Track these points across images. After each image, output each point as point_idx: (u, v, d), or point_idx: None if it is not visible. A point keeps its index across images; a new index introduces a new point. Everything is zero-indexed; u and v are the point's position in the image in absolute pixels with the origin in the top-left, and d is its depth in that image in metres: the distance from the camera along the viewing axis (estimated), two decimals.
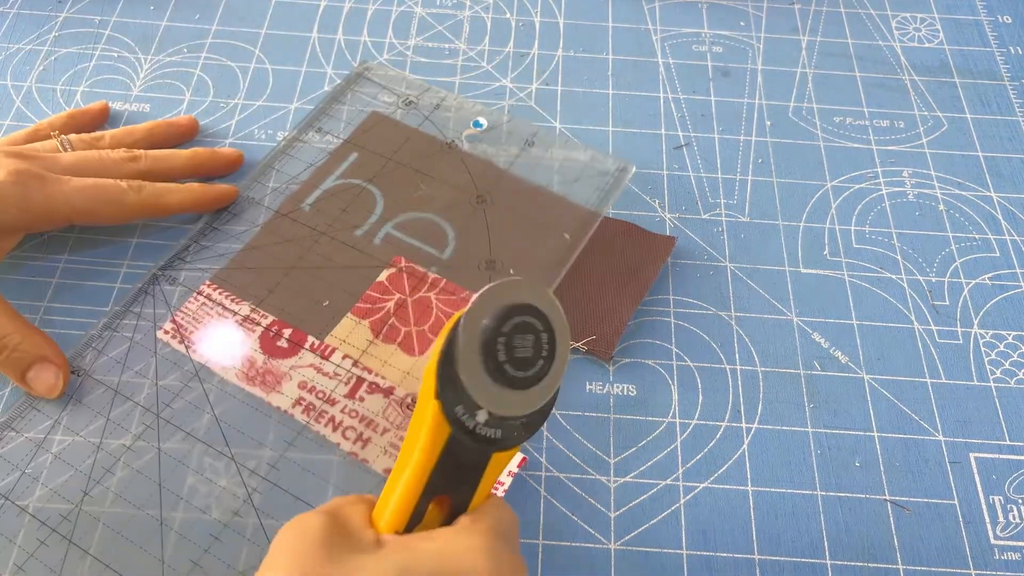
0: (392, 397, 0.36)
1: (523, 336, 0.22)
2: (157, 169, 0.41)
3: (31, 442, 0.34)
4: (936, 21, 0.53)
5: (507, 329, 0.22)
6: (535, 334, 0.23)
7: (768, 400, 0.37)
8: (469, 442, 0.23)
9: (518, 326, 0.22)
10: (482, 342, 0.22)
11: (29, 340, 0.35)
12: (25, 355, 0.35)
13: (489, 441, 0.23)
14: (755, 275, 0.41)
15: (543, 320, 0.23)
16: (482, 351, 0.22)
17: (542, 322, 0.23)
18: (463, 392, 0.22)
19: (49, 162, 0.38)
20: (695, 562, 0.33)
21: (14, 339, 0.35)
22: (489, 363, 0.22)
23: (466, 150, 0.44)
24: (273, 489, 0.34)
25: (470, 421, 0.23)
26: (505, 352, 0.22)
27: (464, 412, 0.23)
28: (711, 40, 0.51)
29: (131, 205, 0.39)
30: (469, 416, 0.23)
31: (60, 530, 0.32)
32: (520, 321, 0.22)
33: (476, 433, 0.23)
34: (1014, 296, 0.41)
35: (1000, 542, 0.34)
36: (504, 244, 0.40)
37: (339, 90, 0.47)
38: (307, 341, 0.37)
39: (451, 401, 0.23)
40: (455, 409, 0.23)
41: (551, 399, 0.24)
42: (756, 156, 0.46)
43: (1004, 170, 0.46)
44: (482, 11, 0.52)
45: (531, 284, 0.23)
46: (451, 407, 0.23)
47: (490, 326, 0.22)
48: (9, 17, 0.50)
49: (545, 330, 0.23)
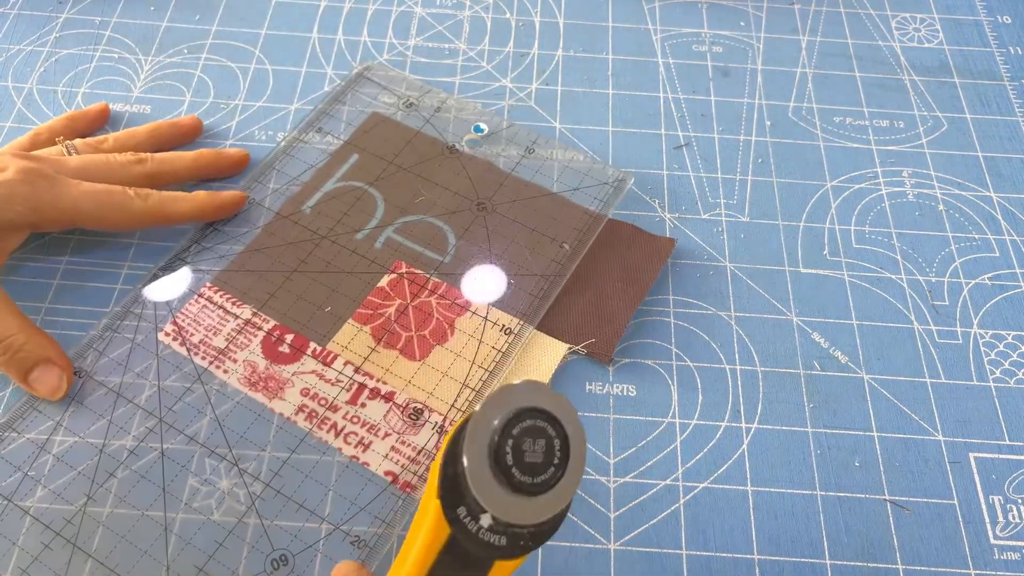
0: (393, 403, 0.36)
1: (534, 440, 0.21)
2: (163, 171, 0.41)
3: (33, 443, 0.34)
4: (936, 21, 0.53)
5: (517, 432, 0.21)
6: (547, 439, 0.22)
7: (768, 400, 0.37)
8: (471, 547, 0.22)
9: (529, 430, 0.21)
10: (489, 443, 0.21)
11: (33, 341, 0.35)
12: (29, 356, 0.35)
13: (492, 548, 0.22)
14: (755, 275, 0.41)
15: (557, 426, 0.22)
16: (489, 452, 0.21)
17: (555, 428, 0.22)
18: (467, 493, 0.21)
19: (57, 164, 0.38)
20: (695, 562, 0.33)
21: (18, 339, 0.35)
22: (496, 466, 0.21)
23: (467, 156, 0.44)
24: (274, 492, 0.34)
25: (472, 525, 0.22)
26: (513, 456, 0.21)
27: (467, 515, 0.22)
28: (711, 40, 0.51)
29: (137, 212, 0.39)
30: (472, 519, 0.22)
31: (63, 533, 0.32)
32: (531, 425, 0.21)
33: (479, 538, 0.22)
34: (1014, 296, 0.41)
35: (1000, 542, 0.34)
36: (504, 251, 0.40)
37: (340, 90, 0.47)
38: (309, 347, 0.37)
39: (453, 502, 0.22)
40: (457, 510, 0.22)
41: (562, 510, 0.22)
42: (756, 156, 0.46)
43: (1004, 170, 0.46)
44: (482, 11, 0.52)
45: (547, 388, 0.22)
46: (453, 508, 0.22)
47: (499, 427, 0.21)
48: (10, 18, 0.50)
49: (558, 436, 0.22)
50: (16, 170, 0.36)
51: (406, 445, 0.35)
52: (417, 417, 0.35)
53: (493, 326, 0.38)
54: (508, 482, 0.21)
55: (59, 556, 0.32)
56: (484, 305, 0.39)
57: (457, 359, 0.37)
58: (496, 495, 0.21)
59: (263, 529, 0.33)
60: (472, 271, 0.40)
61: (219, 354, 0.37)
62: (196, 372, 0.36)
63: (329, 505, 0.33)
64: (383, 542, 0.32)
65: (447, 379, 0.36)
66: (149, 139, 0.43)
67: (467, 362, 0.37)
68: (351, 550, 0.32)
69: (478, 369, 0.37)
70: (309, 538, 0.33)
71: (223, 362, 0.37)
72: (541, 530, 0.22)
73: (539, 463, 0.21)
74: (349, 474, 0.34)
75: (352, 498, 0.33)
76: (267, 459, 0.34)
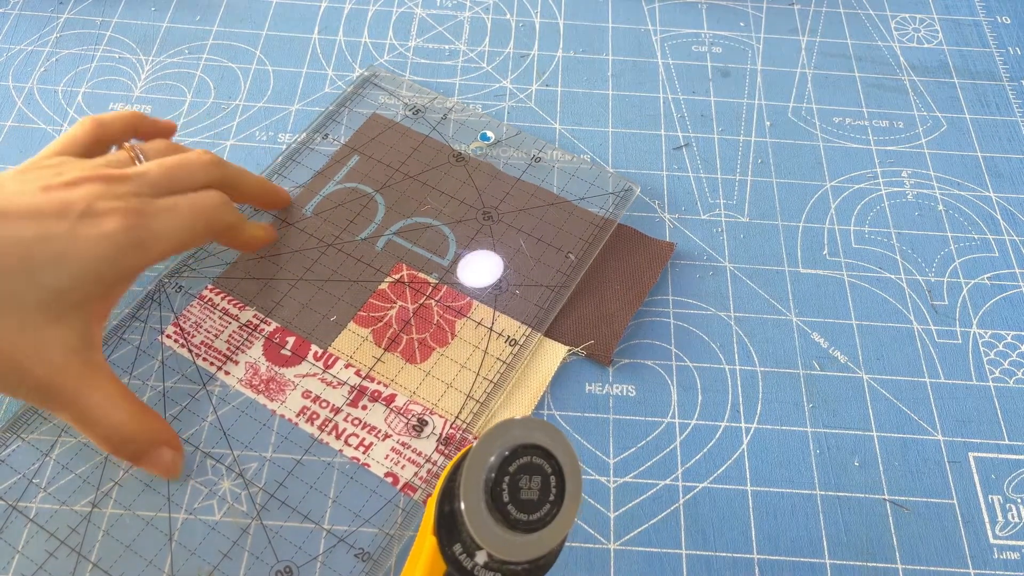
0: (394, 405, 0.36)
1: (530, 478, 0.21)
2: (234, 182, 0.38)
3: (35, 448, 0.34)
4: (935, 22, 0.53)
5: (513, 469, 0.21)
6: (543, 476, 0.22)
7: (767, 400, 0.37)
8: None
9: (525, 467, 0.21)
10: (486, 480, 0.21)
11: (144, 427, 0.33)
12: (141, 446, 0.33)
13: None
14: (754, 275, 0.41)
15: (553, 462, 0.22)
16: (486, 490, 0.21)
17: (551, 464, 0.22)
18: (463, 530, 0.21)
19: (139, 183, 0.34)
20: (694, 562, 0.33)
21: (129, 428, 0.32)
22: (492, 503, 0.21)
23: (473, 164, 0.44)
24: (278, 502, 0.34)
25: (468, 562, 0.22)
26: (509, 493, 0.21)
27: (463, 552, 0.22)
28: (711, 40, 0.51)
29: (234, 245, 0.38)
30: (467, 556, 0.22)
31: (69, 542, 0.32)
32: (528, 462, 0.22)
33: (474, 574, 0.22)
34: (1013, 296, 0.41)
35: (999, 541, 0.34)
36: (510, 261, 0.40)
37: (346, 96, 0.47)
38: (310, 351, 0.37)
39: (450, 539, 0.22)
40: (453, 548, 0.22)
41: (557, 547, 0.22)
42: (756, 156, 0.46)
43: (1003, 170, 0.46)
44: (482, 12, 0.52)
45: (542, 423, 0.22)
46: (449, 545, 0.22)
47: (496, 464, 0.21)
48: (10, 18, 0.50)
49: (554, 473, 0.22)
50: (119, 219, 0.32)
51: (407, 448, 0.35)
52: (421, 428, 0.35)
53: (498, 337, 0.38)
54: (504, 520, 0.21)
55: (64, 565, 0.32)
56: (489, 314, 0.39)
57: (462, 370, 0.37)
58: (492, 533, 0.21)
59: (267, 539, 0.33)
60: (470, 259, 0.40)
61: (221, 356, 0.37)
62: (198, 374, 0.36)
63: (333, 513, 0.33)
64: (386, 555, 0.32)
65: (451, 390, 0.36)
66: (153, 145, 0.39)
67: (472, 373, 0.37)
68: (355, 563, 0.32)
69: (483, 380, 0.37)
70: (312, 549, 0.33)
71: (224, 364, 0.37)
72: (537, 565, 0.22)
73: (535, 500, 0.21)
74: (349, 475, 0.34)
75: (356, 509, 0.33)
76: (269, 463, 0.35)
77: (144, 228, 0.32)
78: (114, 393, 0.32)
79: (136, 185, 0.34)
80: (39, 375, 0.30)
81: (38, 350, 0.30)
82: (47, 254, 0.30)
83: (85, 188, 0.32)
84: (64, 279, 0.31)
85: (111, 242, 0.31)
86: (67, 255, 0.31)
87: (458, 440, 0.35)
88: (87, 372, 0.32)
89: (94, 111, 0.46)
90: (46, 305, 0.30)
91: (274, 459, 0.35)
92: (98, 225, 0.31)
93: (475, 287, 0.39)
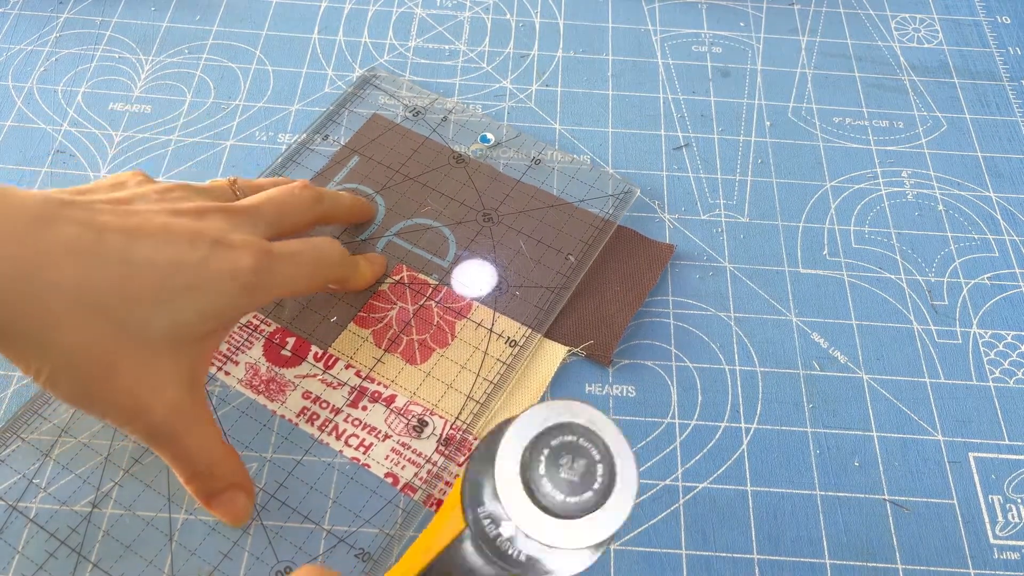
0: (394, 406, 0.36)
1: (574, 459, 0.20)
2: (332, 213, 0.38)
3: (35, 449, 0.34)
4: (935, 22, 0.53)
5: (556, 444, 0.20)
6: (589, 462, 0.20)
7: (767, 400, 0.37)
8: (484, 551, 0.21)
9: (569, 446, 0.20)
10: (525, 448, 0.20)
11: (227, 466, 0.32)
12: (219, 484, 0.32)
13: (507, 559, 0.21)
14: (754, 275, 0.41)
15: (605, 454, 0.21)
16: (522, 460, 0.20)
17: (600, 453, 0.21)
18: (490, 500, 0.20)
19: (254, 219, 0.32)
20: (694, 562, 0.33)
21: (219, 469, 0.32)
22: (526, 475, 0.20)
23: (473, 165, 0.44)
24: (278, 503, 0.34)
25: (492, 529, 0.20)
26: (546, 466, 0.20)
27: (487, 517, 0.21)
28: (711, 40, 0.51)
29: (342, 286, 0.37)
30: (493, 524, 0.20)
31: (69, 542, 0.32)
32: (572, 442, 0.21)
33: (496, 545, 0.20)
34: (1013, 296, 0.41)
35: (999, 541, 0.34)
36: (510, 263, 0.40)
37: (346, 96, 0.47)
38: (310, 351, 0.37)
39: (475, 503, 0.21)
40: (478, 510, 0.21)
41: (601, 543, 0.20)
42: (756, 156, 0.46)
43: (1003, 170, 0.46)
44: (482, 12, 0.52)
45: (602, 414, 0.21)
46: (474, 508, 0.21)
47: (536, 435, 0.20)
48: (10, 18, 0.50)
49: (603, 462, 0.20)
50: (250, 255, 0.30)
51: (407, 448, 0.35)
52: (421, 429, 0.35)
53: (498, 338, 0.38)
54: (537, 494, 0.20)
55: (64, 565, 0.32)
56: (489, 316, 0.39)
57: (462, 371, 0.37)
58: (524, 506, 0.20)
59: (268, 540, 0.33)
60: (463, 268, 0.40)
61: (221, 357, 0.37)
62: None
63: (333, 514, 0.33)
64: (387, 556, 0.32)
65: (452, 391, 0.36)
66: None
67: (472, 374, 0.37)
68: (355, 563, 0.32)
69: (483, 381, 0.37)
70: (313, 549, 0.33)
71: (224, 364, 0.37)
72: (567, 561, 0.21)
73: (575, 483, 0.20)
74: (351, 478, 0.34)
75: (356, 509, 0.33)
76: (269, 464, 0.35)
77: (267, 271, 0.31)
78: (213, 433, 0.31)
79: (251, 221, 0.32)
80: (157, 414, 0.29)
81: (158, 387, 0.29)
82: (179, 283, 0.28)
83: (212, 219, 0.30)
84: (191, 312, 0.29)
85: (239, 279, 0.30)
86: (198, 287, 0.29)
87: (458, 441, 0.35)
88: (195, 412, 0.30)
89: (94, 111, 0.46)
90: (170, 338, 0.29)
91: (274, 459, 0.35)
92: (231, 259, 0.30)
93: (470, 296, 0.39)
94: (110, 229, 0.28)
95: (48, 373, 0.27)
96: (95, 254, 0.27)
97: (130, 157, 0.44)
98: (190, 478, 0.31)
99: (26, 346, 0.27)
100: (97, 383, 0.28)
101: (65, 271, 0.26)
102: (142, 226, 0.29)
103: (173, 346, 0.29)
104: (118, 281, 0.27)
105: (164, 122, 0.46)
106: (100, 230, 0.28)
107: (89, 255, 0.27)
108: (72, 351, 0.27)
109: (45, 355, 0.27)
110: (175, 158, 0.44)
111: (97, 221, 0.28)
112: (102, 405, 0.28)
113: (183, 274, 0.28)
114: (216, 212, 0.31)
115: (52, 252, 0.26)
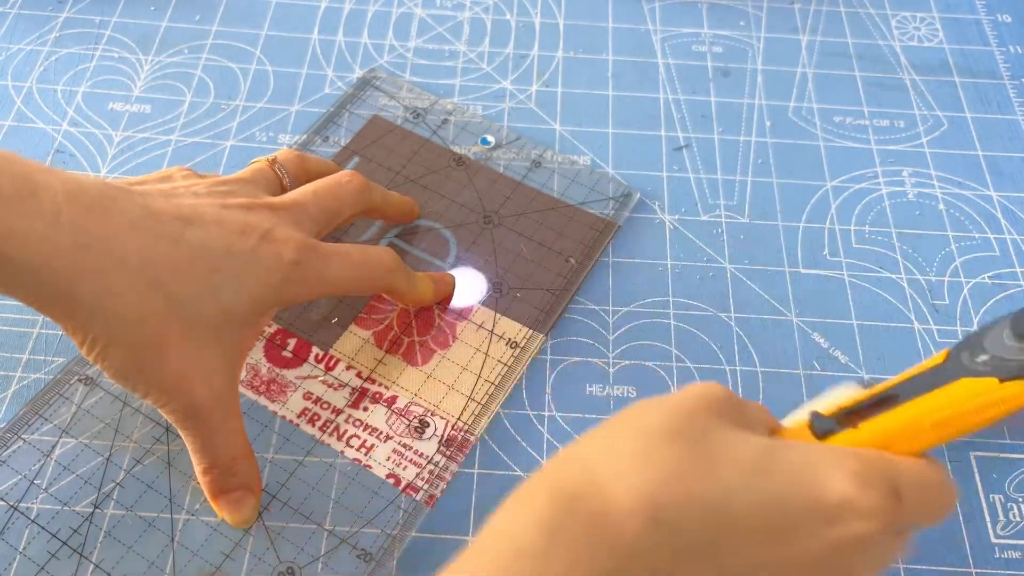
0: (395, 407, 0.36)
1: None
2: (383, 208, 0.38)
3: (36, 449, 0.34)
4: (936, 20, 0.53)
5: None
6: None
7: (768, 400, 0.37)
8: None
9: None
10: None
11: (250, 468, 0.32)
12: (234, 481, 0.32)
13: None
14: (755, 276, 0.41)
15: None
16: None
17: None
18: None
19: (299, 215, 0.33)
20: None
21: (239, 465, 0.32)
22: None
23: (474, 167, 0.44)
24: (280, 503, 0.34)
25: None
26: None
27: None
28: (711, 40, 0.51)
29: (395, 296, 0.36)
30: None
31: (70, 543, 0.32)
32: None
33: None
34: (1014, 295, 0.41)
35: (1000, 540, 0.34)
36: (511, 265, 0.40)
37: (346, 98, 0.46)
38: (311, 353, 0.37)
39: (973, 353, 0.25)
40: None
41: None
42: (756, 157, 0.46)
43: (1004, 169, 0.46)
44: (482, 12, 0.52)
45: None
46: None
47: None
48: (9, 18, 0.50)
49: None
50: (294, 249, 0.31)
51: (409, 449, 0.35)
52: (423, 430, 0.35)
53: (499, 339, 0.38)
54: None
55: (65, 566, 0.32)
56: (490, 317, 0.39)
57: (463, 372, 0.37)
58: None
59: (269, 540, 0.33)
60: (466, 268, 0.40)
61: None
62: None
63: (335, 514, 0.33)
64: (388, 556, 0.32)
65: (453, 392, 0.36)
66: None
67: (473, 375, 0.37)
68: (357, 563, 0.32)
69: (484, 383, 0.37)
70: (314, 550, 0.33)
71: None
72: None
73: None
74: (353, 479, 0.34)
75: (358, 510, 0.33)
76: (270, 464, 0.35)
77: (312, 266, 0.32)
78: (242, 429, 0.32)
79: (296, 218, 0.33)
80: (200, 395, 0.30)
81: (205, 370, 0.30)
82: (231, 270, 0.30)
83: (260, 213, 0.32)
84: (239, 299, 0.30)
85: (284, 271, 0.31)
86: (247, 275, 0.30)
87: (459, 441, 0.35)
88: (233, 403, 0.31)
89: (94, 111, 0.46)
90: (217, 323, 0.30)
91: (275, 460, 0.35)
92: (277, 252, 0.31)
93: (471, 298, 0.39)
94: (166, 213, 0.29)
95: (103, 344, 0.28)
96: (156, 233, 0.29)
97: (130, 157, 0.44)
98: (208, 468, 0.32)
99: (86, 315, 0.28)
100: (148, 358, 0.29)
101: (128, 244, 0.28)
102: (195, 214, 0.30)
103: (220, 331, 0.30)
104: (176, 259, 0.29)
105: (164, 122, 0.46)
106: (157, 213, 0.29)
107: (150, 233, 0.29)
108: (129, 323, 0.28)
109: (103, 325, 0.28)
110: (175, 158, 0.44)
111: (154, 206, 0.29)
112: (148, 381, 0.29)
113: (234, 261, 0.30)
114: (263, 208, 0.32)
115: (118, 225, 0.28)
